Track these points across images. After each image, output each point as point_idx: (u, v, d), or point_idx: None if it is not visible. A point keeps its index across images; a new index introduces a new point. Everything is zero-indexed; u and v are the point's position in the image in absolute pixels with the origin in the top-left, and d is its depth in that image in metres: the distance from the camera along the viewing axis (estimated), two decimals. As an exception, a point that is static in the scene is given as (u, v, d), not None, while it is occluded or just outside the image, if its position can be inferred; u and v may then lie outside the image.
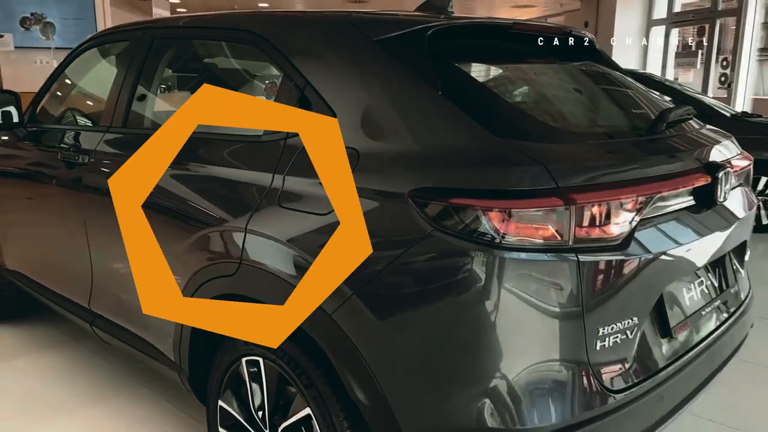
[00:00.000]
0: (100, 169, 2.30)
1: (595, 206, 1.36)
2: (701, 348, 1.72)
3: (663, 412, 1.58)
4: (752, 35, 10.45)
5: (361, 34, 1.69)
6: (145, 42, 2.31)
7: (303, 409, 1.63)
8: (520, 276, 1.32)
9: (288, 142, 1.69)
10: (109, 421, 2.51)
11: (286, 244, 1.59)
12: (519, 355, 1.35)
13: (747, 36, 10.35)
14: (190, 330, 1.93)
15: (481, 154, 1.41)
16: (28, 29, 9.28)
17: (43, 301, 2.93)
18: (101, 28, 9.52)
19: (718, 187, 1.67)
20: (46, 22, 9.45)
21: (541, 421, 1.35)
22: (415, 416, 1.43)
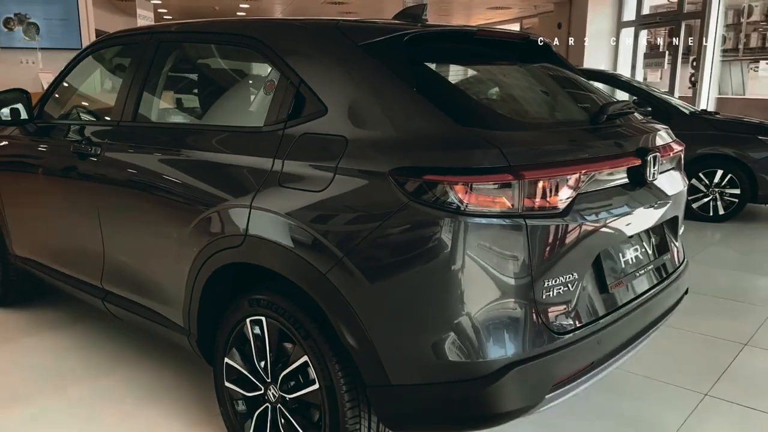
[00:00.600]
0: (112, 159, 2.56)
1: (540, 181, 1.68)
2: (635, 304, 2.05)
3: (600, 354, 1.90)
4: (715, 37, 10.94)
5: (348, 39, 2.00)
6: (152, 45, 2.58)
7: (301, 357, 1.92)
8: (480, 237, 1.63)
9: (286, 132, 1.98)
10: (118, 390, 2.76)
11: (285, 217, 1.88)
12: (479, 302, 1.66)
13: (710, 37, 10.83)
14: (199, 298, 2.20)
15: (448, 140, 1.72)
16: (11, 30, 9.40)
17: (53, 283, 3.18)
18: (84, 29, 9.69)
19: (647, 169, 2.00)
20: (29, 23, 9.57)
21: (497, 354, 1.66)
22: (396, 356, 1.73)
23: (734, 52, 13.15)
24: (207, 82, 2.75)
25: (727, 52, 12.65)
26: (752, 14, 12.94)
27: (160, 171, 2.36)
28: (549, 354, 1.73)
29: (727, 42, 12.65)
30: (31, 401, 2.68)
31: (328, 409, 1.86)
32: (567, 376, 1.80)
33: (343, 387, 1.84)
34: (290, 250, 1.87)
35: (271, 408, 2.05)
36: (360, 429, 1.87)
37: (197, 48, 2.66)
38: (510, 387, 1.68)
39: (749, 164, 5.93)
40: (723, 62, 12.32)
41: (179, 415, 2.55)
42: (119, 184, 2.54)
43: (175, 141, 2.39)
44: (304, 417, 1.98)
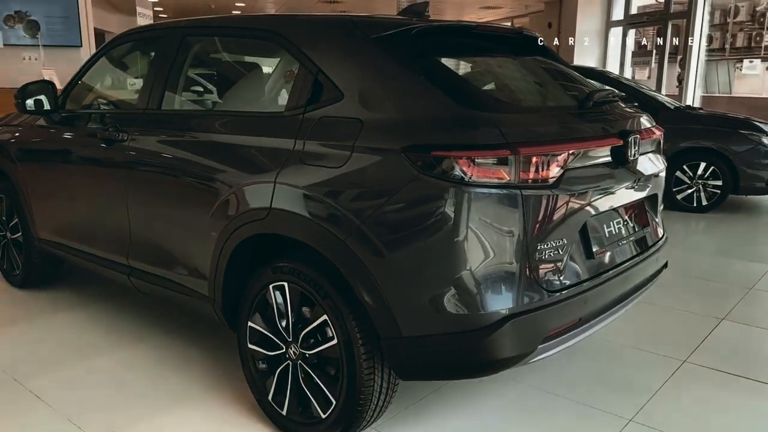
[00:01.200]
0: (140, 143, 2.78)
1: (533, 157, 1.92)
2: (618, 271, 2.30)
3: (587, 312, 2.14)
4: (701, 36, 11.25)
5: (361, 32, 2.23)
6: (176, 39, 2.80)
7: (321, 316, 2.15)
8: (481, 204, 1.87)
9: (305, 116, 2.21)
10: (142, 360, 2.98)
11: (307, 191, 2.11)
12: (481, 261, 1.89)
13: (696, 37, 11.14)
14: (225, 268, 2.42)
15: (453, 120, 1.95)
16: (12, 27, 9.55)
17: (77, 262, 3.39)
18: (84, 26, 9.86)
19: (629, 149, 2.25)
20: (29, 20, 9.72)
21: (497, 308, 1.90)
22: (407, 311, 1.96)
23: (721, 51, 13.47)
24: (230, 72, 2.98)
25: (713, 52, 12.97)
26: (738, 14, 13.26)
27: (187, 153, 2.58)
28: (542, 309, 1.97)
29: (713, 42, 12.98)
30: (60, 370, 2.89)
31: (346, 361, 2.09)
32: (558, 329, 2.04)
33: (359, 341, 2.06)
34: (312, 220, 2.10)
35: (292, 365, 2.27)
36: (374, 378, 2.10)
37: (221, 41, 2.88)
38: (507, 337, 1.91)
39: (731, 157, 6.21)
40: (710, 62, 12.64)
41: (203, 380, 2.78)
42: (147, 167, 2.76)
43: (201, 126, 2.61)
44: (322, 371, 2.20)
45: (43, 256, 3.72)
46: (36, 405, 2.57)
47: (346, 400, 2.12)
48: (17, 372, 2.84)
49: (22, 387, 2.71)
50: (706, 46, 11.83)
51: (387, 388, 2.16)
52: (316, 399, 2.21)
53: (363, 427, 2.22)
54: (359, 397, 2.10)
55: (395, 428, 2.41)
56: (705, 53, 11.81)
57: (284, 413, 2.31)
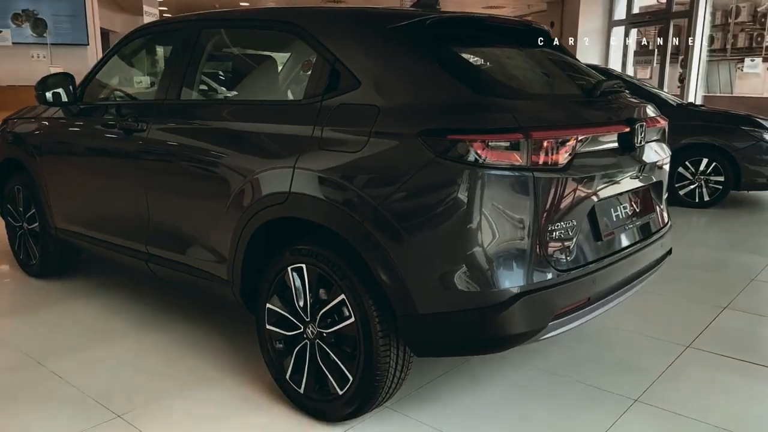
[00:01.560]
0: (160, 132, 2.86)
1: (544, 141, 2.00)
2: (624, 254, 2.38)
3: (595, 292, 2.22)
4: (702, 36, 11.33)
5: (378, 23, 2.32)
6: (194, 32, 2.89)
7: (338, 296, 2.23)
8: (494, 186, 1.95)
9: (323, 104, 2.29)
10: (161, 343, 3.06)
11: (326, 174, 2.19)
12: (494, 240, 1.97)
13: (698, 37, 11.22)
14: (244, 252, 2.50)
15: (468, 106, 2.04)
16: (19, 26, 9.65)
17: (94, 250, 3.48)
18: (91, 25, 9.96)
19: (635, 136, 2.33)
20: (37, 19, 9.83)
21: (509, 285, 1.98)
22: (423, 289, 2.04)
23: (722, 52, 13.55)
24: (247, 63, 3.06)
25: (715, 52, 13.06)
26: (740, 15, 13.35)
27: (206, 141, 2.67)
28: (552, 287, 2.05)
29: (715, 42, 13.06)
30: (81, 353, 2.97)
31: (363, 338, 2.17)
32: (567, 308, 2.12)
33: (376, 318, 2.14)
34: (330, 203, 2.18)
35: (310, 344, 2.35)
36: (390, 355, 2.18)
37: (239, 33, 2.96)
38: (519, 313, 1.99)
39: (732, 153, 6.29)
40: (711, 62, 12.73)
41: (222, 363, 2.86)
42: (166, 155, 2.84)
43: (220, 114, 2.70)
44: (339, 349, 2.28)
45: (60, 246, 3.80)
46: (59, 384, 2.65)
47: (363, 376, 2.20)
48: (39, 354, 2.92)
49: (45, 368, 2.79)
50: (707, 46, 11.92)
51: (402, 365, 2.24)
52: (333, 376, 2.29)
53: (378, 403, 2.30)
54: (375, 373, 2.18)
55: (408, 407, 2.49)
56: (706, 53, 11.90)
57: (302, 391, 2.39)
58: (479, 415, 2.46)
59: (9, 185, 4.05)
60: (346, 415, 2.31)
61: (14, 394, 2.60)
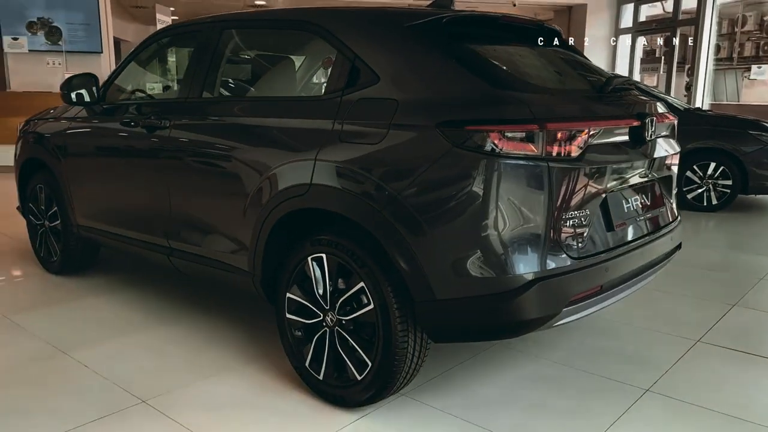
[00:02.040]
0: (182, 128, 2.95)
1: (559, 132, 2.08)
2: (636, 244, 2.44)
3: (608, 280, 2.29)
4: (709, 44, 11.42)
5: (396, 21, 2.41)
6: (216, 32, 2.98)
7: (357, 284, 2.30)
8: (510, 175, 2.02)
9: (343, 98, 2.38)
10: (181, 336, 3.14)
11: (346, 166, 2.27)
12: (510, 227, 2.05)
13: (704, 45, 11.31)
14: (265, 243, 2.58)
15: (485, 98, 2.12)
16: (34, 34, 9.81)
17: (116, 246, 3.57)
18: (105, 34, 10.12)
19: (646, 129, 2.40)
20: (51, 27, 9.98)
21: (525, 271, 2.05)
22: (440, 275, 2.11)
23: (729, 61, 13.62)
24: (268, 61, 3.15)
25: (721, 61, 13.12)
26: (746, 24, 13.42)
27: (228, 136, 2.76)
28: (566, 274, 2.12)
29: (721, 51, 13.12)
30: (103, 343, 3.05)
31: (382, 324, 2.24)
32: (580, 295, 2.18)
33: (395, 305, 2.21)
34: (350, 193, 2.26)
35: (329, 331, 2.42)
36: (408, 341, 2.25)
37: (259, 32, 3.05)
38: (534, 299, 2.06)
39: (740, 157, 6.34)
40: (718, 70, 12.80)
41: (242, 353, 2.94)
42: (188, 151, 2.93)
43: (241, 110, 2.79)
44: (358, 336, 2.35)
45: (81, 243, 3.89)
46: (84, 372, 2.73)
47: (382, 362, 2.27)
48: (63, 345, 3.00)
49: (69, 357, 2.87)
50: (713, 55, 12.00)
51: (419, 351, 2.31)
52: (352, 362, 2.36)
53: (396, 388, 2.37)
54: (394, 359, 2.25)
55: (425, 395, 2.56)
56: (713, 62, 11.98)
57: (321, 378, 2.46)
58: (493, 401, 2.53)
59: (31, 184, 4.15)
60: (365, 401, 2.38)
61: (42, 381, 2.68)
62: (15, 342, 3.08)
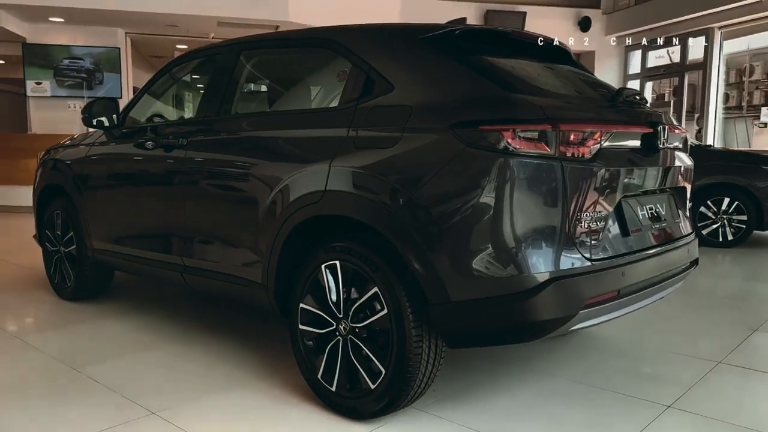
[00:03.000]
0: (198, 145, 3.00)
1: (572, 132, 2.10)
2: (652, 252, 2.42)
3: (625, 285, 2.25)
4: (717, 91, 11.56)
5: (410, 34, 2.47)
6: (233, 54, 3.07)
7: (371, 289, 2.28)
8: (524, 174, 2.03)
9: (358, 108, 2.42)
10: (191, 354, 3.11)
11: (360, 170, 2.29)
12: (525, 226, 2.04)
13: (713, 91, 11.46)
14: (279, 253, 2.58)
15: (499, 100, 2.14)
16: (62, 80, 10.11)
17: (130, 268, 3.58)
18: (125, 81, 10.42)
19: (658, 137, 2.41)
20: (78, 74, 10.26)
21: (540, 270, 2.03)
22: (455, 276, 2.09)
23: (738, 109, 13.74)
24: (283, 78, 3.23)
25: (731, 110, 13.24)
26: (753, 73, 13.60)
27: (242, 150, 2.81)
28: (582, 274, 2.10)
29: (730, 100, 13.26)
30: (115, 361, 3.03)
31: (396, 329, 2.21)
32: (597, 297, 2.15)
33: (408, 309, 2.19)
34: (364, 197, 2.27)
35: (342, 340, 2.39)
36: (422, 347, 2.21)
37: (274, 52, 3.13)
38: (550, 298, 2.03)
39: (755, 192, 6.31)
40: (728, 119, 12.91)
41: (252, 369, 2.90)
42: (206, 165, 2.96)
43: (256, 125, 2.84)
44: (372, 343, 2.31)
45: (96, 268, 3.90)
46: (94, 386, 2.70)
47: (396, 369, 2.23)
48: (73, 362, 2.97)
49: (80, 373, 2.85)
50: (723, 103, 12.15)
51: (434, 358, 2.27)
52: (365, 371, 2.32)
53: (410, 398, 2.32)
54: (408, 365, 2.21)
55: (438, 409, 2.50)
56: (722, 110, 12.11)
57: (334, 389, 2.41)
58: (511, 414, 2.46)
59: (48, 211, 4.20)
60: (378, 411, 2.32)
61: (52, 394, 2.66)
62: (26, 359, 3.06)
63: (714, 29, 11.08)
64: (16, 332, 3.39)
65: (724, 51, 11.57)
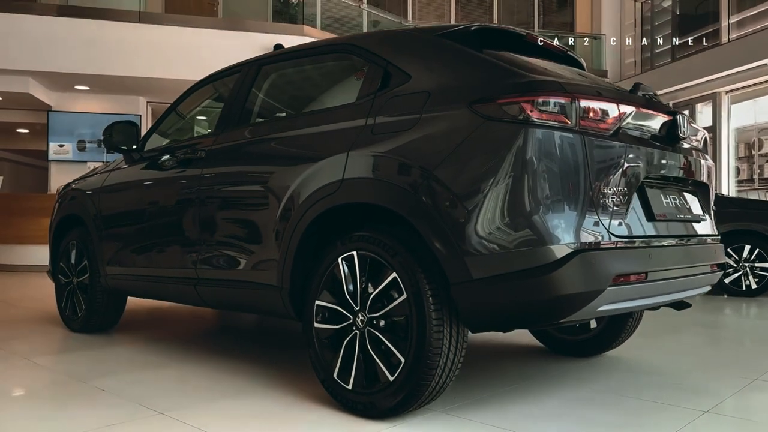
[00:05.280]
0: (215, 155, 3.02)
1: (591, 105, 2.09)
2: (678, 242, 2.36)
3: (652, 269, 2.17)
4: (728, 152, 11.63)
5: (427, 32, 2.54)
6: (253, 70, 3.15)
7: (390, 275, 2.22)
8: (545, 145, 2.01)
9: (375, 99, 2.44)
10: (202, 371, 3.00)
11: (378, 155, 2.28)
12: (547, 197, 1.99)
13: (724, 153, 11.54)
14: (295, 251, 2.53)
15: (516, 77, 2.16)
16: (83, 150, 10.40)
17: (143, 290, 3.53)
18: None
19: (678, 126, 2.39)
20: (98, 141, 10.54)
21: (564, 242, 1.97)
22: (476, 252, 2.03)
23: (749, 182, 13.81)
24: (301, 83, 3.29)
25: (742, 183, 13.31)
26: (762, 147, 13.75)
27: (261, 154, 2.83)
28: (607, 249, 2.03)
29: (741, 173, 13.35)
30: (122, 375, 2.93)
31: (416, 313, 2.12)
32: (625, 276, 2.06)
33: (428, 291, 2.11)
34: (382, 180, 2.25)
35: (359, 334, 2.29)
36: (443, 332, 2.12)
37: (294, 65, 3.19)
38: (576, 271, 1.96)
39: (776, 239, 6.20)
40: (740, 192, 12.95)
41: (265, 377, 2.79)
42: (223, 173, 2.96)
43: (273, 128, 2.87)
44: (391, 333, 2.22)
45: (107, 296, 3.84)
46: (103, 394, 2.59)
47: (416, 356, 2.12)
48: (81, 377, 2.87)
49: (86, 384, 2.74)
50: (735, 176, 12.25)
51: (455, 346, 2.16)
52: (383, 363, 2.21)
53: (431, 392, 2.19)
54: (429, 351, 2.10)
55: (461, 411, 2.37)
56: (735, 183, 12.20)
57: (350, 387, 2.30)
58: (538, 417, 2.32)
59: (63, 243, 4.19)
60: (395, 406, 2.19)
61: (60, 399, 2.59)
62: (35, 376, 2.97)
63: (721, 93, 11.27)
64: (24, 356, 3.30)
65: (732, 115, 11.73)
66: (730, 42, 10.97)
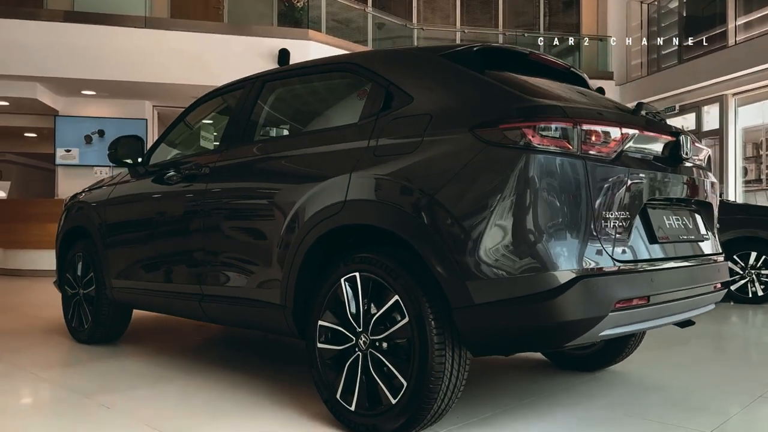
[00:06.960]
0: (219, 173, 3.03)
1: (593, 130, 2.08)
2: (680, 263, 2.35)
3: (655, 292, 2.16)
4: (736, 153, 11.57)
5: (430, 51, 2.53)
6: (256, 86, 3.16)
7: (392, 298, 2.22)
8: (547, 170, 2.00)
9: (378, 120, 2.45)
10: (208, 384, 3.02)
11: (380, 177, 2.28)
12: (549, 223, 1.99)
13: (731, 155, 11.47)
14: (298, 270, 2.54)
15: (517, 100, 2.15)
16: (89, 143, 10.44)
17: (148, 303, 3.54)
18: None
19: (682, 147, 2.39)
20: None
21: (567, 267, 1.97)
22: (478, 277, 2.03)
23: (757, 182, 13.74)
24: (304, 102, 3.30)
25: (750, 183, 13.24)
26: (770, 147, 13.70)
27: (265, 172, 2.83)
28: (610, 274, 2.03)
29: (749, 173, 13.29)
30: (125, 391, 2.93)
31: (418, 337, 2.12)
32: (627, 300, 2.06)
33: (430, 315, 2.12)
34: (384, 202, 2.25)
35: (362, 355, 2.30)
36: (445, 355, 2.12)
37: (297, 80, 3.21)
38: (578, 297, 1.96)
39: (782, 246, 6.16)
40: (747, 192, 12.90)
41: (268, 396, 2.80)
42: (228, 190, 2.98)
43: (277, 147, 2.88)
44: (393, 355, 2.22)
45: (113, 308, 3.86)
46: (105, 413, 2.60)
47: (418, 379, 2.13)
48: (84, 392, 2.88)
49: (91, 401, 2.76)
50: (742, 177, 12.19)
51: (458, 369, 2.17)
52: (386, 385, 2.22)
53: (433, 415, 2.19)
54: (431, 375, 2.11)
55: (470, 428, 2.37)
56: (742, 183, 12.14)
57: (353, 409, 2.31)
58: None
59: (70, 254, 4.21)
60: (398, 428, 2.20)
61: (63, 415, 2.60)
62: (39, 390, 3.00)
63: (728, 96, 11.22)
64: (29, 369, 3.33)
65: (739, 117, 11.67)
66: (737, 44, 10.92)
